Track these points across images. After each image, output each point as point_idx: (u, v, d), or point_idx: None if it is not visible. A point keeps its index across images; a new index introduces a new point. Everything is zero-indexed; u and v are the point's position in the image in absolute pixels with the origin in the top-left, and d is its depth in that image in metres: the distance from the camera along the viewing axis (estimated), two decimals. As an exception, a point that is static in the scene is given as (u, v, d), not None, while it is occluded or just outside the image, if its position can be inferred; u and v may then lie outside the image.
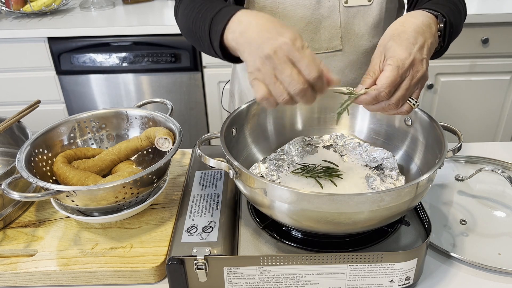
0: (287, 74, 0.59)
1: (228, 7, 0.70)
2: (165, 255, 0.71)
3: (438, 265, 0.73)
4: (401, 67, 0.63)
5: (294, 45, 0.59)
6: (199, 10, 0.76)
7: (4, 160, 0.95)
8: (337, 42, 0.96)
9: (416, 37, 0.67)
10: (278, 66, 0.59)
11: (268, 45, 0.59)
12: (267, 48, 0.59)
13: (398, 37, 0.66)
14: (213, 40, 0.71)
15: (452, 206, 0.84)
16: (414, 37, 0.66)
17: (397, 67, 0.63)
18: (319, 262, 0.64)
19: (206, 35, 0.73)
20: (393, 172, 0.78)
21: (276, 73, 0.60)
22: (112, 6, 2.17)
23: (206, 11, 0.74)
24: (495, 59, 1.98)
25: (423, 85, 0.67)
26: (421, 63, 0.66)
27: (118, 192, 0.70)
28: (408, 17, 0.71)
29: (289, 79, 0.59)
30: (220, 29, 0.68)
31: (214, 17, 0.70)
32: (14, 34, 1.88)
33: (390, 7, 0.98)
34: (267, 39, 0.60)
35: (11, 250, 0.74)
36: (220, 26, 0.68)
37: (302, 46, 0.59)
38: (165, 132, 0.79)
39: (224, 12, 0.69)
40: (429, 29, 0.70)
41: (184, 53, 1.92)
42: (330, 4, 0.93)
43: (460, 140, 0.71)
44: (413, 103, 0.66)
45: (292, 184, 0.75)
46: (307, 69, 0.59)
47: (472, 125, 2.15)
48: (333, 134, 0.87)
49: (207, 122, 2.13)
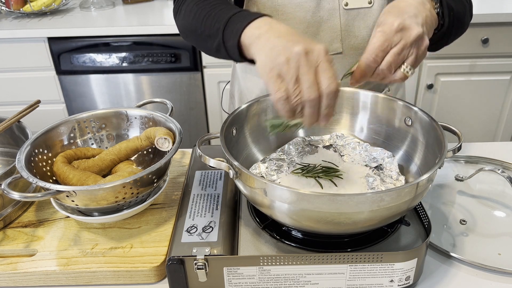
0: (310, 77, 0.58)
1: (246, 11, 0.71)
2: (165, 255, 0.71)
3: (438, 265, 0.73)
4: (388, 32, 0.63)
5: (326, 55, 0.59)
6: (213, 8, 0.76)
7: (4, 160, 0.95)
8: (338, 44, 0.96)
9: (409, 9, 0.67)
10: (305, 67, 0.58)
11: (302, 44, 0.59)
12: (300, 47, 0.59)
13: (389, 11, 0.67)
14: (228, 39, 0.70)
15: (452, 206, 0.84)
16: (406, 8, 0.67)
17: (383, 32, 0.63)
18: (319, 262, 0.64)
19: (218, 33, 0.72)
20: (393, 172, 0.78)
21: (299, 73, 0.59)
22: (112, 6, 2.17)
23: (222, 11, 0.74)
24: (495, 59, 1.98)
25: (420, 51, 0.66)
26: (415, 26, 0.65)
27: (118, 192, 0.70)
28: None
29: (310, 83, 0.58)
30: (241, 28, 0.67)
31: (233, 17, 0.70)
32: (14, 34, 1.88)
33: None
34: (298, 42, 0.60)
35: (11, 250, 0.74)
36: (240, 25, 0.68)
37: (330, 59, 0.60)
38: (165, 132, 0.79)
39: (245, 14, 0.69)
40: (423, 6, 0.70)
41: (184, 53, 1.92)
42: (330, 6, 0.93)
43: (460, 140, 0.71)
44: (406, 70, 0.65)
45: (292, 184, 0.75)
46: (328, 80, 0.59)
47: (472, 125, 2.15)
48: (333, 134, 0.87)
49: (207, 122, 2.13)
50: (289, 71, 0.59)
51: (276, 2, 0.92)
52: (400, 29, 0.64)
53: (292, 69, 0.59)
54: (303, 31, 0.95)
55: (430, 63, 1.98)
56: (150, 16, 2.02)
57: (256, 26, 0.67)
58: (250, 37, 0.66)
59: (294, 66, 0.59)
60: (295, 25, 0.94)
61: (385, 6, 0.93)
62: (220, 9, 0.75)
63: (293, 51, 0.59)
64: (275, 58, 0.60)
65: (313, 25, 0.94)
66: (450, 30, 0.78)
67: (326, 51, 0.60)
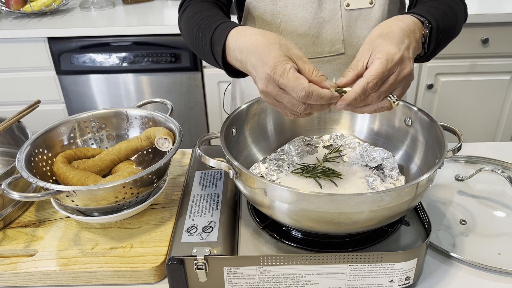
0: (286, 101, 0.63)
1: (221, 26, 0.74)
2: (165, 255, 0.71)
3: (438, 265, 0.73)
4: (390, 61, 0.63)
5: (276, 74, 0.62)
6: (198, 29, 0.80)
7: (4, 160, 0.95)
8: (340, 45, 0.96)
9: (403, 38, 0.67)
10: (276, 96, 0.64)
11: (260, 80, 0.64)
12: (260, 84, 0.64)
13: (387, 36, 0.67)
14: (217, 59, 0.75)
15: (452, 206, 0.84)
16: (401, 37, 0.67)
17: (386, 60, 0.63)
18: (319, 262, 0.64)
19: (209, 53, 0.77)
20: (393, 172, 0.78)
21: (278, 100, 0.64)
22: (112, 6, 2.17)
23: (205, 30, 0.78)
24: (495, 59, 1.98)
25: (407, 84, 0.67)
26: (409, 61, 0.66)
27: (118, 192, 0.70)
28: (394, 20, 0.71)
29: (290, 104, 0.64)
30: (220, 51, 0.72)
31: (212, 37, 0.75)
32: (14, 34, 1.88)
33: (393, 9, 0.97)
34: (257, 73, 0.64)
35: (11, 250, 0.74)
36: (219, 47, 0.72)
37: (283, 71, 0.62)
38: (165, 132, 0.79)
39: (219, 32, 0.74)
40: (413, 34, 0.70)
41: (184, 53, 1.92)
42: (332, 7, 0.92)
43: (460, 140, 0.71)
44: (393, 100, 0.66)
45: (292, 184, 0.75)
46: (294, 92, 0.62)
47: (472, 125, 2.15)
48: (333, 134, 0.87)
49: (207, 122, 2.13)
50: (271, 102, 0.66)
51: (278, 4, 0.92)
52: (400, 62, 0.64)
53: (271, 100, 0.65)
54: (305, 32, 0.95)
55: (430, 63, 1.97)
56: (150, 16, 2.02)
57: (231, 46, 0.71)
58: (236, 62, 0.71)
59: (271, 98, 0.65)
60: (296, 26, 0.94)
61: (385, 7, 0.94)
62: (204, 27, 0.79)
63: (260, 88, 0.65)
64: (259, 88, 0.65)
65: (315, 26, 0.94)
66: (433, 52, 0.79)
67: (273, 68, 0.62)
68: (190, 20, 0.84)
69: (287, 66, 0.61)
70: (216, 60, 0.76)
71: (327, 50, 0.97)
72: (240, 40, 0.69)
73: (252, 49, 0.65)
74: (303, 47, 0.97)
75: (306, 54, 0.98)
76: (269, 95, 0.64)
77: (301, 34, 0.95)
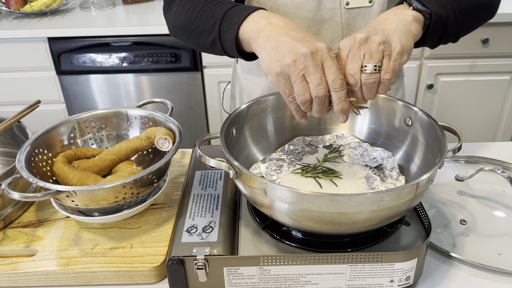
0: (317, 77, 0.61)
1: (242, 5, 0.73)
2: (165, 255, 0.71)
3: (438, 265, 0.73)
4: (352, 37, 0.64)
5: (329, 53, 0.62)
6: (207, 4, 0.77)
7: (4, 160, 0.95)
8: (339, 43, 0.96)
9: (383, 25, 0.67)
10: (311, 67, 0.61)
11: (306, 44, 0.62)
12: (305, 47, 0.61)
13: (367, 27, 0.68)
14: (224, 33, 0.72)
15: (452, 206, 0.84)
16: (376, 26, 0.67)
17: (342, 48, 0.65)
18: (319, 262, 0.64)
19: (214, 28, 0.74)
20: (393, 172, 0.78)
21: (305, 73, 0.61)
22: (112, 6, 2.17)
23: (216, 6, 0.75)
24: (495, 59, 1.98)
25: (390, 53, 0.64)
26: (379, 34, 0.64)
27: (118, 192, 0.71)
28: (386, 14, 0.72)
29: (318, 82, 0.61)
30: (239, 22, 0.69)
31: (229, 11, 0.72)
32: (14, 34, 1.88)
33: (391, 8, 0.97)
34: (303, 40, 0.62)
35: (11, 250, 0.74)
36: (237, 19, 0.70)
37: (333, 56, 0.62)
38: (165, 132, 0.79)
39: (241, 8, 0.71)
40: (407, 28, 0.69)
41: (184, 53, 1.92)
42: (331, 6, 0.93)
43: (460, 140, 0.71)
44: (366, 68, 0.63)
45: (292, 184, 0.75)
46: (333, 76, 0.61)
47: (472, 125, 2.15)
48: (333, 134, 0.87)
49: (207, 122, 2.13)
50: (296, 72, 0.62)
51: (278, 2, 0.92)
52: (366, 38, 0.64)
53: (298, 70, 0.61)
54: None
55: (430, 63, 1.98)
56: (150, 16, 2.02)
57: (253, 20, 0.68)
58: (249, 32, 0.68)
59: (300, 67, 0.61)
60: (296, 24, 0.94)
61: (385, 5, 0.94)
62: (215, 4, 0.76)
63: (298, 53, 0.61)
64: (281, 59, 0.62)
65: (314, 24, 0.94)
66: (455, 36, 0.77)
67: (329, 48, 0.62)
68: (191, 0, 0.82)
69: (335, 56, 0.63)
70: (220, 34, 0.73)
71: None
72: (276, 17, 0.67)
73: (296, 28, 0.64)
74: None
75: None
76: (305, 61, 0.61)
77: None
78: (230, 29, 0.71)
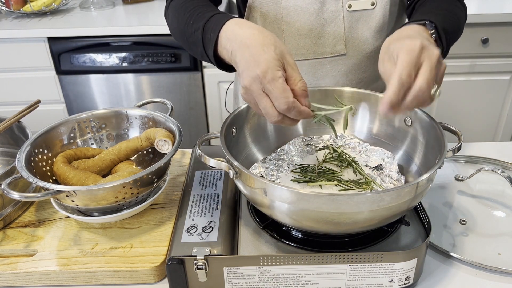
0: (263, 106, 0.63)
1: (217, 15, 0.73)
2: (165, 255, 0.71)
3: (438, 265, 0.73)
4: (413, 50, 0.61)
5: (265, 78, 0.61)
6: (190, 16, 0.78)
7: (4, 160, 0.95)
8: (341, 46, 0.96)
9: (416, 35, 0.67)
10: (256, 97, 0.63)
11: (246, 77, 0.63)
12: (246, 80, 0.63)
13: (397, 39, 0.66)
14: (207, 47, 0.73)
15: (452, 206, 0.84)
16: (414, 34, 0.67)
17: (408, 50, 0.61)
18: (319, 262, 0.64)
19: (199, 42, 0.75)
20: (393, 172, 0.78)
21: (256, 101, 0.64)
22: (112, 6, 2.17)
23: (198, 17, 0.76)
24: (495, 59, 1.98)
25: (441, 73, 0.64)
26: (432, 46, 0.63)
27: (118, 192, 0.71)
28: (399, 31, 0.72)
29: (265, 111, 0.63)
30: (214, 38, 0.70)
31: (206, 25, 0.73)
32: (14, 34, 1.88)
33: (394, 11, 0.98)
34: (246, 69, 0.63)
35: (11, 250, 0.74)
36: (213, 35, 0.71)
37: (273, 77, 0.61)
38: (165, 134, 0.79)
39: (215, 21, 0.72)
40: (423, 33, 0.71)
41: (184, 53, 1.92)
42: (334, 8, 0.93)
43: (460, 140, 0.71)
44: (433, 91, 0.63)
45: (292, 184, 0.75)
46: (276, 101, 0.62)
47: (472, 125, 2.15)
48: (333, 134, 0.87)
49: (207, 122, 2.13)
50: (250, 101, 0.65)
51: (280, 5, 0.93)
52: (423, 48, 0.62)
53: (251, 100, 0.65)
54: (307, 33, 0.95)
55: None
56: (150, 16, 2.02)
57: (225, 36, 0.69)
58: (226, 52, 0.69)
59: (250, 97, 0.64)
60: (298, 27, 0.94)
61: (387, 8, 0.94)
62: (197, 14, 0.77)
63: (243, 84, 0.63)
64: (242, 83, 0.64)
65: (317, 27, 0.94)
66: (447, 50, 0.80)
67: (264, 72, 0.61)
68: (181, 7, 0.82)
69: (278, 74, 0.61)
70: (204, 48, 0.74)
71: (329, 51, 0.97)
72: (237, 31, 0.67)
73: (247, 44, 0.64)
74: (305, 48, 0.97)
75: (308, 54, 0.98)
76: (250, 93, 0.63)
77: (303, 34, 0.95)
78: (210, 45, 0.72)
